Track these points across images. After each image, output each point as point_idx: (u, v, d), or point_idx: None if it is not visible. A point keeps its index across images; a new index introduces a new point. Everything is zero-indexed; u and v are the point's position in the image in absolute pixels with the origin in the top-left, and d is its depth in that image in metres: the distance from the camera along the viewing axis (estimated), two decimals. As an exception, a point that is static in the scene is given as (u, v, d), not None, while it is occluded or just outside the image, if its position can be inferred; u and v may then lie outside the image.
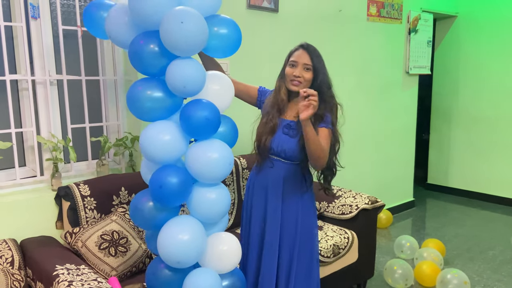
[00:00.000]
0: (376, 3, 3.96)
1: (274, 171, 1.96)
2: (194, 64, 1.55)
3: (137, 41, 1.52)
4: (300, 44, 1.94)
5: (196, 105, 1.58)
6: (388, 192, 4.40)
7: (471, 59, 4.96)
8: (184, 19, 1.42)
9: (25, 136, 2.40)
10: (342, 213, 2.78)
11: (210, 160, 1.59)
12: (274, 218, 1.97)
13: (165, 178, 1.56)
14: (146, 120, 1.63)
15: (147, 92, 1.55)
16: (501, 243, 3.77)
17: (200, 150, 1.61)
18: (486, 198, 4.97)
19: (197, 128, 1.57)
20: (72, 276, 1.75)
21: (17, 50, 2.35)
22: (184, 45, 1.47)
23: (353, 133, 3.95)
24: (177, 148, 1.60)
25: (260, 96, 2.06)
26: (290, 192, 1.98)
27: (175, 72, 1.52)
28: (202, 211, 1.67)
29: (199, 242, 1.62)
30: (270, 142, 1.92)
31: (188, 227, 1.61)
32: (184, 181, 1.59)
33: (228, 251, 1.73)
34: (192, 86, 1.55)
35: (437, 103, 5.34)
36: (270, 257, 1.97)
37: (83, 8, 2.56)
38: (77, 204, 2.20)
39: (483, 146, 4.95)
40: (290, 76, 1.90)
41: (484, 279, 3.11)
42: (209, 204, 1.66)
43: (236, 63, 2.96)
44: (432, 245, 3.37)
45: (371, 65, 4.04)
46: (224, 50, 1.68)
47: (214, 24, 1.58)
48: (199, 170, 1.61)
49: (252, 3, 3.05)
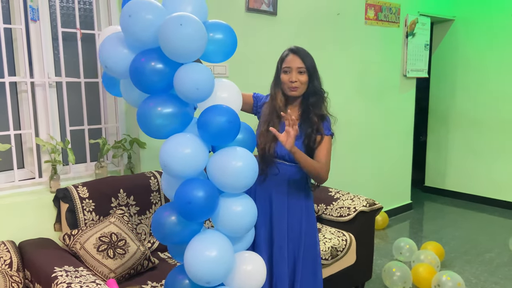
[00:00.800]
0: (374, 7, 3.99)
1: (280, 175, 1.97)
2: (202, 66, 1.52)
3: (137, 60, 1.48)
4: (289, 49, 1.95)
5: (214, 111, 1.52)
6: (385, 194, 4.41)
7: (468, 62, 4.99)
8: (183, 21, 1.41)
9: (24, 138, 2.40)
10: (340, 216, 2.79)
11: (235, 169, 1.53)
12: (280, 221, 1.99)
13: (192, 193, 1.48)
14: (160, 137, 1.56)
15: (158, 108, 1.48)
16: (498, 245, 3.78)
17: (223, 159, 1.55)
18: (484, 201, 4.98)
19: (218, 134, 1.52)
20: (71, 278, 1.75)
21: (16, 52, 2.35)
22: (183, 48, 1.44)
23: (351, 135, 3.97)
24: (199, 160, 1.53)
25: (256, 102, 2.07)
26: (295, 194, 2.00)
27: (185, 77, 1.47)
28: (228, 224, 1.60)
29: (227, 258, 1.56)
30: (275, 147, 1.94)
31: (215, 243, 1.55)
32: (212, 195, 1.53)
33: (252, 271, 1.66)
34: (205, 87, 1.50)
35: (435, 106, 5.36)
36: (282, 260, 1.98)
37: (82, 10, 2.56)
38: (76, 206, 2.20)
39: (481, 149, 4.97)
40: (287, 82, 1.92)
41: (481, 282, 3.12)
42: (236, 217, 1.60)
43: (235, 66, 2.97)
44: (431, 247, 3.38)
45: (369, 68, 4.06)
46: (221, 55, 1.66)
47: (209, 29, 1.58)
48: (224, 180, 1.55)
49: (251, 6, 3.06)
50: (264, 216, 2.00)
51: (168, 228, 1.56)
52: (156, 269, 2.22)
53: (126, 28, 1.46)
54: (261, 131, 1.97)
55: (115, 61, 1.54)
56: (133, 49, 1.53)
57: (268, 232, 2.02)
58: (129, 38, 1.50)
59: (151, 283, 2.07)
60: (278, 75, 1.96)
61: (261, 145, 1.96)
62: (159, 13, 1.47)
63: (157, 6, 1.48)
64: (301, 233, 2.01)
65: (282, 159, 1.95)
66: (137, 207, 2.39)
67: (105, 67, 1.58)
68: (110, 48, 1.54)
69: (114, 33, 1.58)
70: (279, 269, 1.98)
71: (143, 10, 1.44)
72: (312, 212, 2.09)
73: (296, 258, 2.01)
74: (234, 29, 3.21)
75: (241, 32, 3.07)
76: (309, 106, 1.95)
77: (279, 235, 1.99)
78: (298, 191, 2.01)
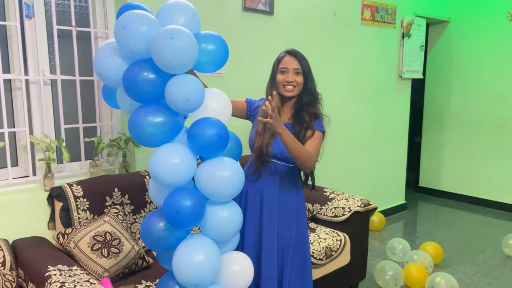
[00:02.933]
0: (370, 8, 4.00)
1: (273, 175, 1.98)
2: (192, 78, 1.56)
3: (131, 69, 1.51)
4: (286, 51, 1.99)
5: (205, 124, 1.56)
6: (380, 194, 4.43)
7: (463, 63, 5.01)
8: (174, 35, 1.44)
9: (18, 136, 2.39)
10: (334, 216, 2.79)
11: (222, 178, 1.58)
12: (271, 221, 1.99)
13: (181, 203, 1.52)
14: (152, 146, 1.59)
15: (149, 117, 1.52)
16: (491, 246, 3.80)
17: (211, 168, 1.60)
18: (477, 201, 5.02)
19: (208, 146, 1.55)
20: (64, 277, 1.74)
21: (11, 49, 2.33)
22: (175, 61, 1.46)
23: (345, 136, 3.98)
24: (188, 170, 1.56)
25: (249, 106, 2.08)
26: (286, 194, 2.01)
27: (175, 88, 1.51)
28: (215, 230, 1.65)
29: (214, 262, 1.60)
30: (272, 146, 1.95)
31: (203, 247, 1.59)
32: (200, 204, 1.57)
33: (240, 271, 1.71)
34: (195, 98, 1.53)
35: (429, 107, 5.38)
36: (271, 261, 1.98)
37: (77, 8, 2.55)
38: (70, 205, 2.19)
39: (475, 150, 5.00)
40: (283, 82, 1.94)
41: (474, 282, 3.14)
42: (222, 222, 1.64)
43: (232, 65, 2.97)
44: (430, 248, 3.39)
45: (364, 69, 4.07)
46: (212, 65, 1.69)
47: (201, 40, 1.61)
48: (212, 189, 1.59)
49: (247, 5, 3.06)
50: (254, 215, 2.01)
51: (157, 234, 1.60)
52: (150, 268, 2.22)
53: (120, 39, 1.50)
54: (257, 131, 1.98)
55: (109, 69, 1.58)
56: (127, 59, 1.56)
57: (257, 232, 2.02)
58: (123, 48, 1.53)
59: (145, 282, 2.06)
60: (274, 75, 1.99)
61: (257, 143, 1.96)
62: (153, 25, 1.50)
63: (150, 19, 1.51)
64: (291, 233, 2.01)
65: (275, 158, 1.97)
66: (131, 206, 2.39)
67: (98, 75, 1.61)
68: (105, 57, 1.58)
69: (109, 43, 1.62)
70: (268, 270, 1.98)
71: (136, 23, 1.48)
72: (304, 212, 2.09)
73: (284, 259, 2.01)
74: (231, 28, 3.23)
75: (238, 32, 3.07)
76: (303, 105, 1.97)
77: (269, 235, 1.98)
78: (289, 190, 2.02)
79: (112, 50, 1.59)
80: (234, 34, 3.03)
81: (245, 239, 2.02)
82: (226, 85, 2.94)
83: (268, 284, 1.97)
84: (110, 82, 1.63)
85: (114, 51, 1.58)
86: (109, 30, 2.56)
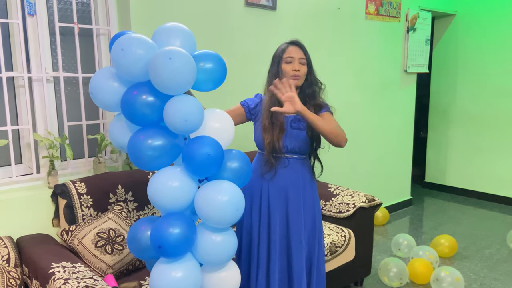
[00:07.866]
0: (375, 1, 3.96)
1: (291, 169, 1.97)
2: (191, 98, 1.54)
3: (130, 92, 1.50)
4: (290, 41, 1.98)
5: (196, 143, 1.53)
6: (385, 190, 4.40)
7: (469, 57, 4.96)
8: (171, 56, 1.43)
9: (22, 134, 2.39)
10: (339, 211, 2.78)
11: (220, 203, 1.53)
12: (297, 216, 1.99)
13: (163, 237, 1.48)
14: (151, 169, 1.58)
15: (148, 141, 1.50)
16: (498, 241, 3.77)
17: (209, 193, 1.56)
18: (484, 196, 4.98)
19: (199, 166, 1.52)
20: (68, 274, 1.74)
21: (13, 47, 2.33)
22: (173, 82, 1.45)
23: (350, 131, 3.93)
24: (187, 195, 1.55)
25: (247, 107, 2.05)
26: (307, 187, 2.02)
27: (174, 109, 1.49)
28: (207, 256, 1.60)
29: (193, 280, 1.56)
30: (283, 140, 1.93)
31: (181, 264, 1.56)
32: (185, 236, 1.51)
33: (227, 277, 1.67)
34: (193, 119, 1.51)
35: (435, 101, 5.34)
36: (300, 256, 1.99)
37: (79, 5, 2.55)
38: (74, 202, 2.19)
39: (481, 145, 4.95)
40: (290, 71, 1.93)
41: (480, 278, 3.11)
42: (215, 249, 1.60)
43: (234, 61, 2.95)
44: (444, 240, 3.42)
45: (369, 64, 4.04)
46: (211, 83, 1.67)
47: (199, 59, 1.60)
48: (208, 214, 1.55)
49: (250, 1, 3.04)
50: (280, 212, 1.99)
51: (144, 243, 1.58)
52: (154, 265, 2.22)
53: (118, 61, 1.49)
54: (264, 126, 1.95)
55: (106, 93, 1.57)
56: (124, 83, 1.56)
57: (284, 228, 2.00)
58: (120, 70, 1.53)
59: (149, 278, 2.06)
60: (277, 67, 1.96)
61: (267, 140, 1.93)
62: (149, 48, 1.51)
63: (147, 42, 1.52)
64: (315, 225, 2.04)
65: (292, 153, 1.96)
66: (135, 202, 2.39)
67: (94, 99, 1.60)
68: (101, 81, 1.58)
69: (106, 68, 1.62)
70: (298, 265, 1.98)
71: (134, 45, 1.48)
72: (319, 205, 2.12)
73: (311, 253, 2.03)
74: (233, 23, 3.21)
75: (240, 27, 3.05)
76: (305, 97, 1.96)
77: (296, 229, 1.98)
78: (309, 183, 2.03)
79: (109, 74, 1.58)
80: (236, 30, 3.01)
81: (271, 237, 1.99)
82: (228, 81, 2.92)
83: (299, 278, 1.97)
84: (107, 107, 1.62)
85: (111, 76, 1.58)
86: (111, 27, 2.56)
